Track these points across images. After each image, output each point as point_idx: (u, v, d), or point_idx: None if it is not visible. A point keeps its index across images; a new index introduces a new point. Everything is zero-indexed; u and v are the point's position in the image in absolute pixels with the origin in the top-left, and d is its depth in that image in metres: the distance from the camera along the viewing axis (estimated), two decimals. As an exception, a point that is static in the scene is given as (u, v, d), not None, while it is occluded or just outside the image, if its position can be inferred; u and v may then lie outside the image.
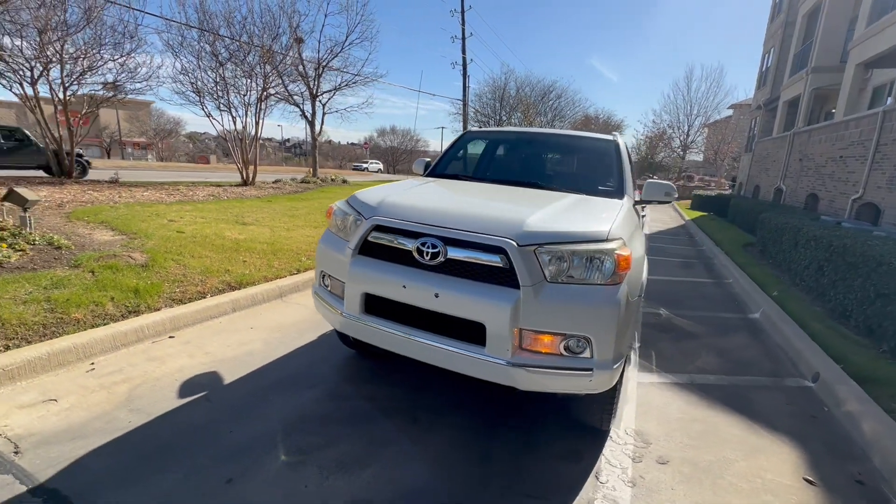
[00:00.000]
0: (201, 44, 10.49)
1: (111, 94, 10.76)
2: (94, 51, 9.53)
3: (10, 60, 8.43)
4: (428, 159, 3.98)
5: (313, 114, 15.71)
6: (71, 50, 9.10)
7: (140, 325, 3.29)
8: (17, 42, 8.26)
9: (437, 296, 2.08)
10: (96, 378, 2.78)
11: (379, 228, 2.29)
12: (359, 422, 2.56)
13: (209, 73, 10.56)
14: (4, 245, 3.79)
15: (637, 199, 3.18)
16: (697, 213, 19.17)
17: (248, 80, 10.90)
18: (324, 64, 15.08)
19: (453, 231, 2.11)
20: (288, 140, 77.93)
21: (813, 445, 2.69)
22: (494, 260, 2.03)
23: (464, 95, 31.97)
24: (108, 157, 40.87)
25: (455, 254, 2.09)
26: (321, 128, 16.61)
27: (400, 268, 2.20)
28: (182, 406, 2.58)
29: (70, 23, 8.73)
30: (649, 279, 6.66)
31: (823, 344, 4.05)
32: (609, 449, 2.49)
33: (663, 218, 17.29)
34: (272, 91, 12.19)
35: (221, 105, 10.64)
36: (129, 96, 10.94)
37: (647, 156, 42.58)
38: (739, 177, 22.72)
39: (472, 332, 2.05)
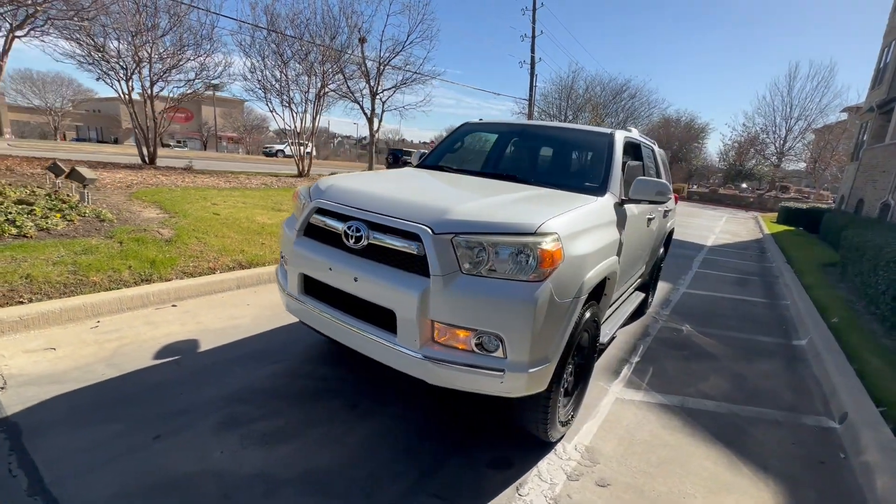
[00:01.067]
0: (269, 44, 11.40)
1: (202, 91, 12.03)
2: (178, 52, 10.71)
3: (111, 61, 9.73)
4: (425, 151, 3.95)
5: (372, 111, 16.33)
6: (160, 50, 10.29)
7: (147, 292, 3.64)
8: (116, 44, 9.51)
9: (356, 279, 2.06)
10: (95, 334, 3.12)
11: (319, 211, 2.32)
12: (303, 400, 2.62)
13: (274, 71, 11.46)
14: (58, 215, 4.40)
15: (622, 198, 2.89)
16: (782, 228, 17.05)
17: (309, 78, 11.64)
18: (385, 62, 15.60)
19: (377, 215, 2.08)
20: (364, 138, 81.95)
21: (804, 494, 2.28)
22: (411, 246, 1.96)
23: (530, 94, 31.37)
24: (205, 149, 45.75)
25: (377, 238, 2.06)
26: (380, 124, 17.20)
27: (329, 250, 2.21)
28: (152, 366, 2.81)
29: (159, 27, 9.88)
30: (687, 293, 6.10)
31: (873, 383, 3.41)
32: (547, 462, 2.31)
33: (737, 230, 15.63)
34: (330, 88, 12.87)
35: (283, 101, 11.52)
36: (206, 93, 12.14)
37: (735, 163, 38.67)
38: (841, 189, 19.83)
39: (386, 320, 2.01)
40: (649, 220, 3.57)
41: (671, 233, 5.13)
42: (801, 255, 9.71)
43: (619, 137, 3.20)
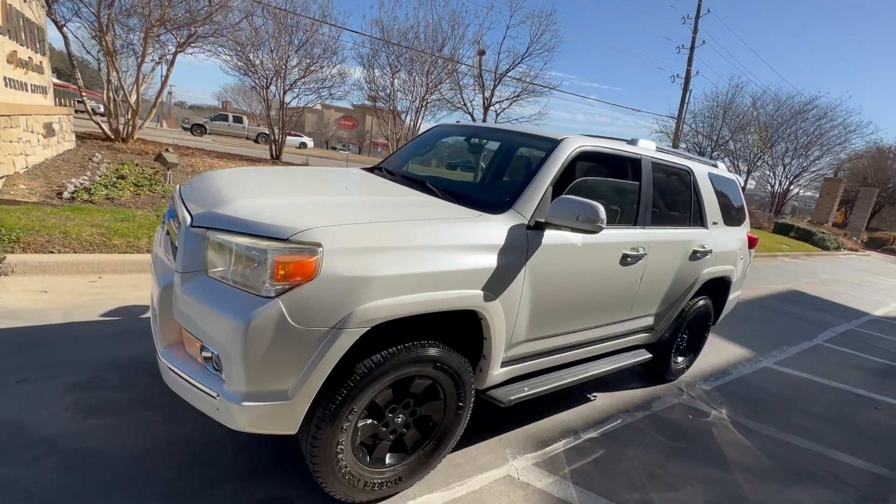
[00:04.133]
0: (388, 57, 12.36)
1: (327, 98, 13.72)
2: (312, 64, 12.32)
3: (257, 72, 11.69)
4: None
5: (485, 121, 16.38)
6: (294, 62, 11.99)
7: (148, 259, 4.17)
8: (259, 57, 11.39)
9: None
10: (86, 287, 3.69)
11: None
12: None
13: (386, 81, 12.35)
14: (132, 189, 5.38)
15: (537, 221, 2.22)
16: None
17: (414, 88, 12.25)
18: (502, 75, 15.51)
19: (178, 205, 1.97)
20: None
21: None
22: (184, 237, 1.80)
23: (679, 111, 27.90)
24: (360, 153, 52.02)
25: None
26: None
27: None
28: (91, 322, 3.18)
29: (294, 42, 11.52)
30: (771, 369, 4.52)
31: None
32: (328, 524, 1.88)
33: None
34: (435, 98, 13.33)
35: (389, 108, 12.29)
36: (327, 101, 13.74)
37: None
38: None
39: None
40: (628, 257, 2.71)
41: (723, 283, 3.86)
42: None
43: (569, 145, 2.48)
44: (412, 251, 1.79)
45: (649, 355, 3.34)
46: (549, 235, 2.27)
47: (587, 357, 2.93)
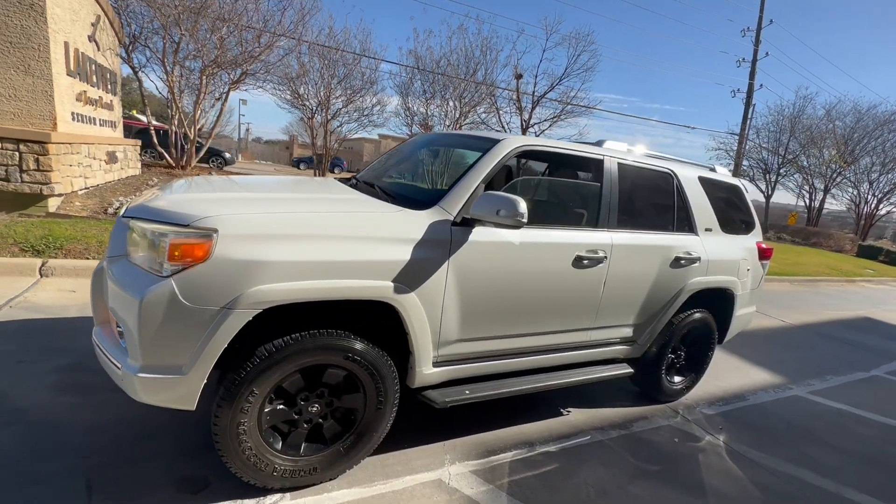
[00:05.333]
0: (422, 84, 12.93)
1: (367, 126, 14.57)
2: (354, 94, 13.17)
3: (304, 104, 12.69)
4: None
5: (522, 144, 16.35)
6: (337, 93, 12.88)
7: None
8: (306, 91, 12.38)
9: None
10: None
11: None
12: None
13: (421, 107, 12.87)
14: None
15: (459, 217, 2.21)
16: None
17: (447, 112, 12.61)
18: (539, 97, 15.55)
19: None
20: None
21: None
22: None
23: (743, 126, 26.18)
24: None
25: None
26: (529, 157, 17.09)
27: None
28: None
29: (337, 74, 12.42)
30: (801, 398, 4.00)
31: None
32: (236, 506, 1.93)
33: None
34: (468, 121, 13.61)
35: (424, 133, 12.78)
36: (368, 129, 14.54)
37: None
38: None
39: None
40: (583, 259, 2.59)
41: (725, 296, 3.52)
42: None
43: (507, 145, 2.45)
44: (316, 240, 1.87)
45: (629, 370, 3.11)
46: (480, 232, 2.25)
47: (551, 366, 2.80)
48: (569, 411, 3.18)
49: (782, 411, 3.70)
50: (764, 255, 3.80)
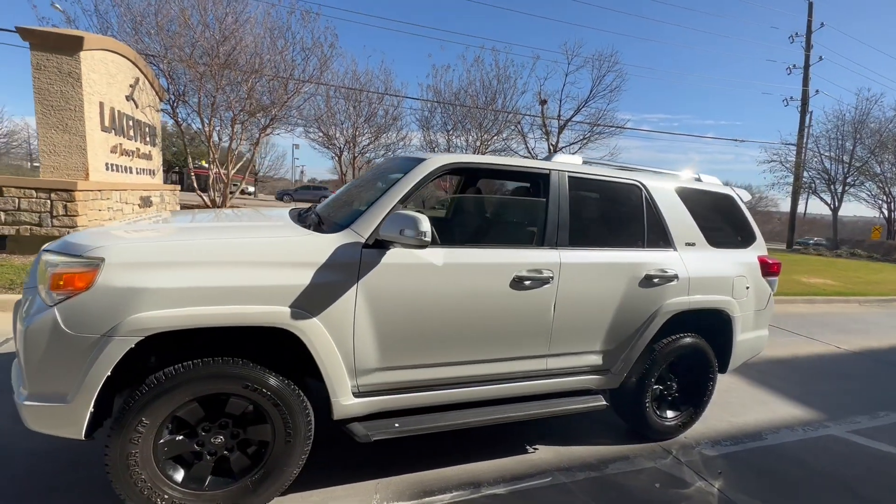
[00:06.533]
0: (444, 117, 13.28)
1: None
2: (379, 132, 13.75)
3: (331, 143, 13.40)
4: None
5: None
6: (364, 131, 13.50)
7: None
8: (333, 131, 13.08)
9: None
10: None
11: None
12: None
13: (441, 138, 13.17)
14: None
15: (372, 239, 2.13)
16: None
17: (469, 143, 12.76)
18: (566, 121, 15.39)
19: None
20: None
21: None
22: None
23: (799, 137, 24.38)
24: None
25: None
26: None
27: None
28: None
29: (362, 114, 13.05)
30: (838, 439, 3.47)
31: None
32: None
33: None
34: (491, 147, 13.69)
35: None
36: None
37: None
38: None
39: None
40: (524, 280, 2.40)
41: (720, 318, 3.12)
42: None
43: (431, 164, 2.36)
44: (206, 266, 1.86)
45: (601, 402, 2.80)
46: (395, 254, 2.16)
47: (506, 396, 2.58)
48: (536, 448, 2.89)
49: (808, 454, 3.14)
50: (769, 270, 3.35)
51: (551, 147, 16.30)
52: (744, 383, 4.40)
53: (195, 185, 10.86)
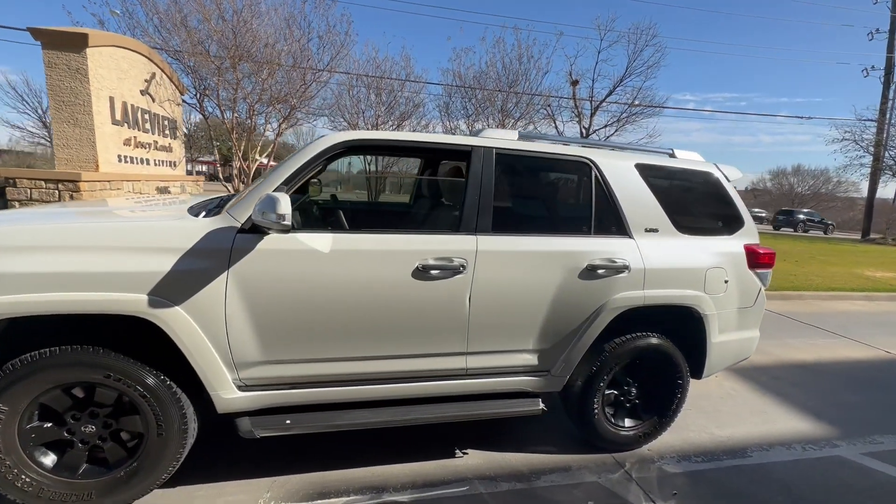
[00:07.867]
0: (464, 102, 12.88)
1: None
2: (402, 120, 13.63)
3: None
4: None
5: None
6: (387, 119, 13.42)
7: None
8: (354, 119, 13.11)
9: None
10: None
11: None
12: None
13: (463, 125, 12.76)
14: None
15: (248, 224, 1.97)
16: None
17: (490, 126, 12.33)
18: (599, 101, 14.44)
19: None
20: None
21: None
22: None
23: (882, 111, 21.55)
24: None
25: None
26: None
27: None
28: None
29: (383, 102, 12.97)
30: (841, 460, 3.07)
31: None
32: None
33: None
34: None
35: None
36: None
37: None
38: None
39: None
40: (430, 269, 2.16)
41: (689, 316, 2.70)
42: None
43: (324, 142, 2.15)
44: (65, 251, 1.79)
45: (539, 406, 2.51)
46: (273, 240, 1.99)
47: (423, 396, 2.37)
48: (466, 453, 2.66)
49: (797, 478, 2.67)
50: (757, 261, 2.85)
51: (583, 130, 15.42)
52: (747, 390, 3.87)
53: (219, 175, 11.33)
